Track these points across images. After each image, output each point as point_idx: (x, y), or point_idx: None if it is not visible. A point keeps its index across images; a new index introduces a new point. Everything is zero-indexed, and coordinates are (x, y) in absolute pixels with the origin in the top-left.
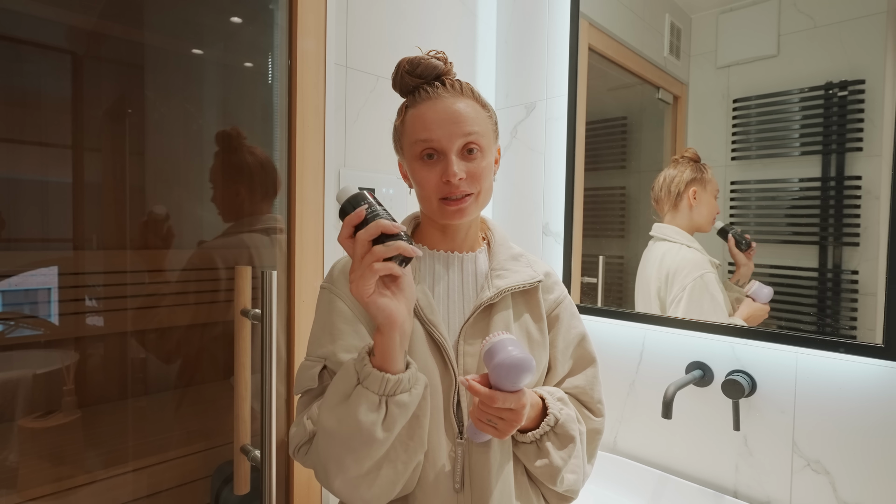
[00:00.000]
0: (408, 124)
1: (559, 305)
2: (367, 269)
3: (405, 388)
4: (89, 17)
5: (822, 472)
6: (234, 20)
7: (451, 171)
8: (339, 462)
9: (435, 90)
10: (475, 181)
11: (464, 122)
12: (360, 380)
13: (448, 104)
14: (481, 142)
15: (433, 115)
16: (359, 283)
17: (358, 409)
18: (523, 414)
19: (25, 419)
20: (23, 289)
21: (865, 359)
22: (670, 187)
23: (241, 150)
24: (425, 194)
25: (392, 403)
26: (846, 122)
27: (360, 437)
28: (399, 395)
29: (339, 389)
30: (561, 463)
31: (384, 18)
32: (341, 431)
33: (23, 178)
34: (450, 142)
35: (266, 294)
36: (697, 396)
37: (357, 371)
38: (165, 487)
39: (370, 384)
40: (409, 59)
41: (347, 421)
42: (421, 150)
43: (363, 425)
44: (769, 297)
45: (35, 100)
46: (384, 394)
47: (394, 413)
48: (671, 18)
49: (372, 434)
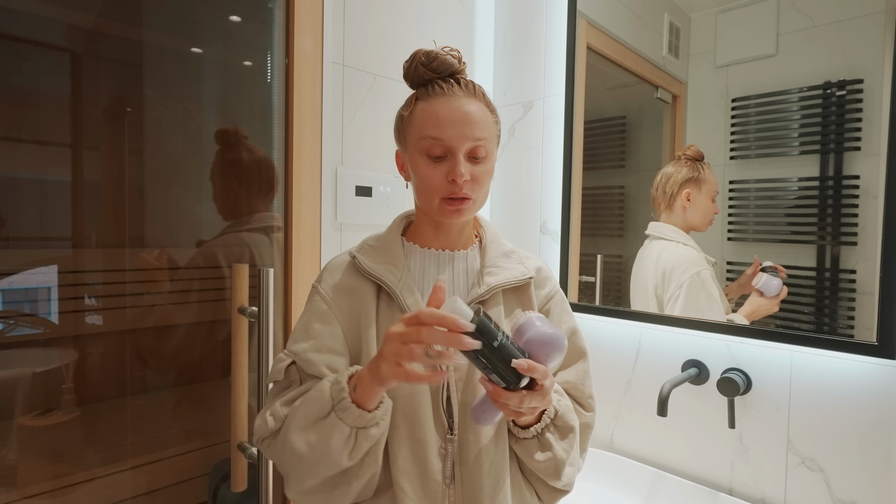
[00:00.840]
0: (417, 117)
1: (550, 300)
2: (420, 357)
3: (376, 423)
4: (88, 16)
5: (816, 469)
6: (234, 19)
7: (458, 172)
8: (299, 478)
9: (450, 87)
10: (477, 185)
11: (475, 125)
12: (336, 409)
13: (462, 104)
14: (488, 146)
15: (446, 114)
16: (409, 354)
17: (330, 438)
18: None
19: (25, 417)
20: (23, 287)
21: (859, 357)
22: (665, 187)
23: (238, 148)
24: (427, 191)
25: (362, 435)
26: (844, 121)
27: (326, 463)
28: (370, 429)
29: (312, 412)
30: (564, 455)
31: (381, 17)
32: (310, 456)
33: (22, 176)
34: (460, 142)
35: (263, 292)
36: (693, 394)
37: (332, 398)
38: (164, 485)
39: (346, 417)
40: (426, 52)
41: (318, 448)
42: (428, 146)
43: (332, 454)
44: (778, 291)
45: (34, 98)
46: (356, 426)
47: (362, 444)
48: (670, 18)
49: (339, 462)
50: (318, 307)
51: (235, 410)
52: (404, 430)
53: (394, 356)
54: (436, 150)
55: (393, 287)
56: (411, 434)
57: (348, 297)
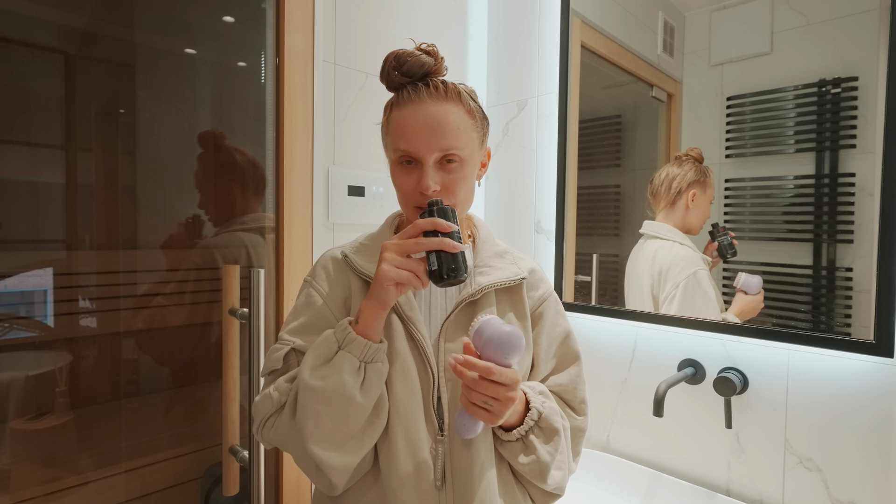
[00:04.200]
0: (391, 126)
1: (543, 303)
2: (411, 247)
3: (381, 358)
4: (81, 17)
5: (814, 469)
6: (227, 19)
7: (425, 184)
8: (316, 420)
9: (418, 93)
10: (450, 193)
11: (443, 133)
12: (342, 345)
13: (430, 112)
14: (462, 153)
15: (412, 123)
16: (395, 257)
17: (342, 369)
18: (517, 390)
19: (18, 421)
20: (19, 290)
21: (857, 355)
22: (671, 184)
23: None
24: (401, 199)
25: (370, 369)
26: (840, 119)
27: (342, 395)
28: (376, 363)
29: (320, 353)
30: (548, 458)
31: (373, 15)
32: (325, 388)
33: (15, 178)
34: (427, 153)
35: (253, 293)
36: (689, 394)
37: (338, 339)
38: (156, 489)
39: (353, 349)
40: (397, 55)
41: (332, 378)
42: (398, 157)
43: (346, 384)
44: (760, 286)
45: (27, 100)
46: (364, 359)
47: (371, 378)
48: (664, 16)
49: (353, 396)
50: (314, 302)
51: (227, 413)
52: (396, 429)
53: (396, 254)
54: (406, 160)
55: None
56: (403, 434)
57: (342, 292)
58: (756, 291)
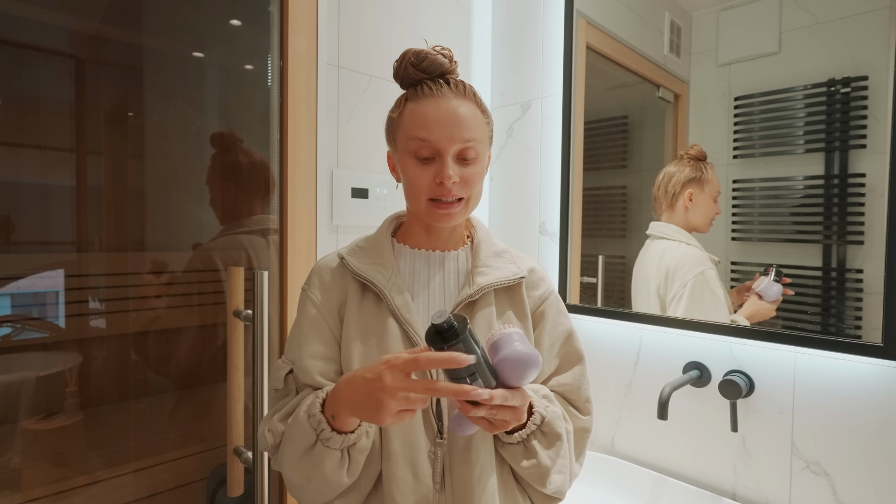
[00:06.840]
0: (406, 118)
1: (544, 302)
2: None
3: (362, 434)
4: (91, 22)
5: (821, 473)
6: (234, 23)
7: (446, 174)
8: (306, 493)
9: (439, 88)
10: (467, 186)
11: (464, 126)
12: (321, 438)
13: (451, 105)
14: (478, 148)
15: (435, 115)
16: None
17: (323, 466)
18: (524, 411)
19: (28, 421)
20: (31, 291)
21: (864, 358)
22: (667, 187)
23: (234, 151)
24: (415, 193)
25: (354, 451)
26: (849, 119)
27: (328, 486)
28: (359, 443)
29: (299, 446)
30: (549, 463)
31: (376, 18)
32: (310, 486)
33: (27, 181)
34: (448, 144)
35: (257, 295)
36: (695, 397)
37: (314, 429)
38: (163, 489)
39: (332, 444)
40: (416, 52)
41: (315, 477)
42: (416, 148)
43: (330, 478)
44: (777, 296)
45: (38, 103)
46: (345, 447)
47: (356, 459)
48: (671, 16)
49: (340, 482)
50: (308, 312)
51: (231, 415)
52: (395, 433)
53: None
54: (424, 152)
55: (381, 287)
56: (402, 438)
57: (338, 298)
58: (772, 300)
